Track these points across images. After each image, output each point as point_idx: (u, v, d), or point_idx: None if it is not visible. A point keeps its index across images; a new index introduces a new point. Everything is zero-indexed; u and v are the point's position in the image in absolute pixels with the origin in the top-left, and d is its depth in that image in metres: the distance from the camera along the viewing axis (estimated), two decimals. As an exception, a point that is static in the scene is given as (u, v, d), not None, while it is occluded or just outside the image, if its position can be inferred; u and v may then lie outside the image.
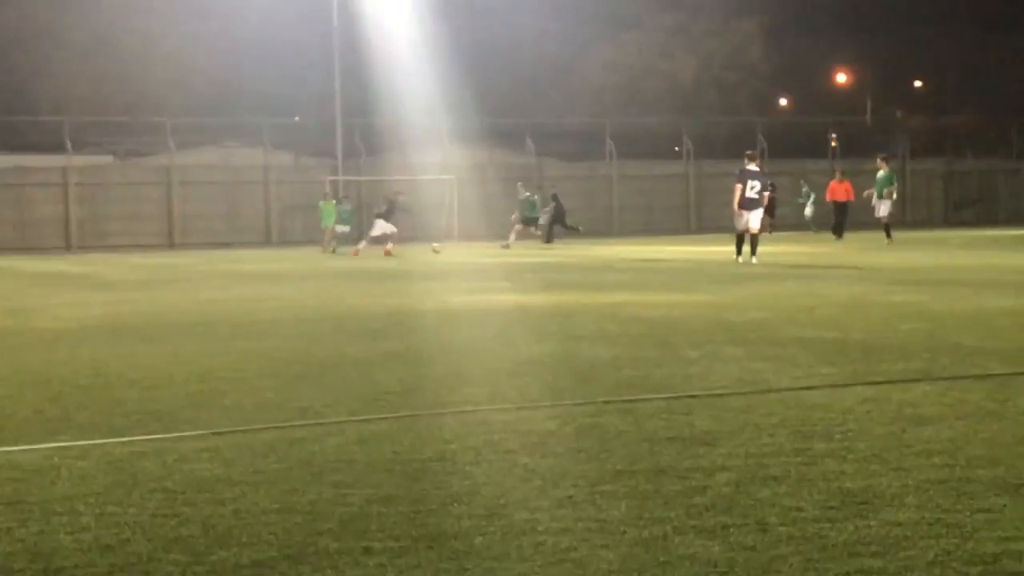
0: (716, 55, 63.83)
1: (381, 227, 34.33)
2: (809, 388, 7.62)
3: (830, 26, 70.88)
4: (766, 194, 23.76)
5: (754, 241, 23.22)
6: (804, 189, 45.92)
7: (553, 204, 40.01)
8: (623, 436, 6.20)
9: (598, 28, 63.48)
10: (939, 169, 59.05)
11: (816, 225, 43.20)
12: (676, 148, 56.24)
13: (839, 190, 38.70)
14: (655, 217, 48.78)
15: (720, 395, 7.42)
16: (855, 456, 5.62)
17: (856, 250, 29.71)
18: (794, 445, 5.88)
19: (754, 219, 23.31)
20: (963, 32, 69.06)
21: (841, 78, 75.24)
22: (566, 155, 52.68)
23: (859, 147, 59.59)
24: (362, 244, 34.67)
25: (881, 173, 34.23)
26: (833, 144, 57.99)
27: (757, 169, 23.87)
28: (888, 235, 33.06)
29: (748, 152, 24.85)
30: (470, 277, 21.81)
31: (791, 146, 53.86)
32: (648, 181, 50.18)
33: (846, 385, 7.70)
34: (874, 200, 34.09)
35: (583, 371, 8.62)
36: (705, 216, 52.43)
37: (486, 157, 48.62)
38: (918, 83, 75.60)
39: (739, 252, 22.99)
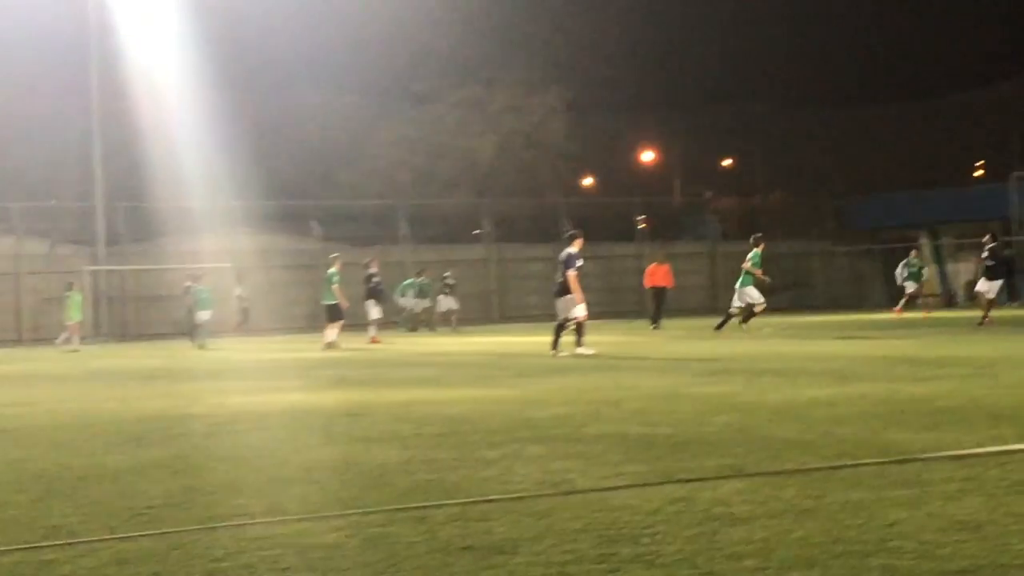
0: (516, 132, 64.88)
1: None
2: (615, 488, 7.68)
3: (633, 103, 72.95)
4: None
5: (560, 330, 23.54)
6: (913, 261, 43.14)
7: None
8: (414, 547, 6.15)
9: (389, 103, 64.02)
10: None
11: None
12: (476, 231, 56.84)
13: (659, 274, 39.47)
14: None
15: (520, 498, 7.43)
16: (663, 561, 5.68)
17: (666, 339, 30.34)
18: (598, 551, 5.91)
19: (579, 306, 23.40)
20: (770, 109, 71.78)
21: (647, 156, 77.24)
22: (356, 239, 52.73)
23: (668, 229, 61.18)
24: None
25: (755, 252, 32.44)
26: (641, 226, 59.37)
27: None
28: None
29: (571, 232, 24.60)
30: (250, 375, 21.52)
31: (597, 228, 54.96)
32: (446, 267, 50.44)
33: (654, 484, 7.79)
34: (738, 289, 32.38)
35: (372, 476, 8.54)
36: (509, 304, 52.99)
37: (268, 243, 48.27)
38: (727, 162, 78.13)
39: (580, 343, 23.20)
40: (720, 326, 31.38)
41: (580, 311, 23.39)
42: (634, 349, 25.64)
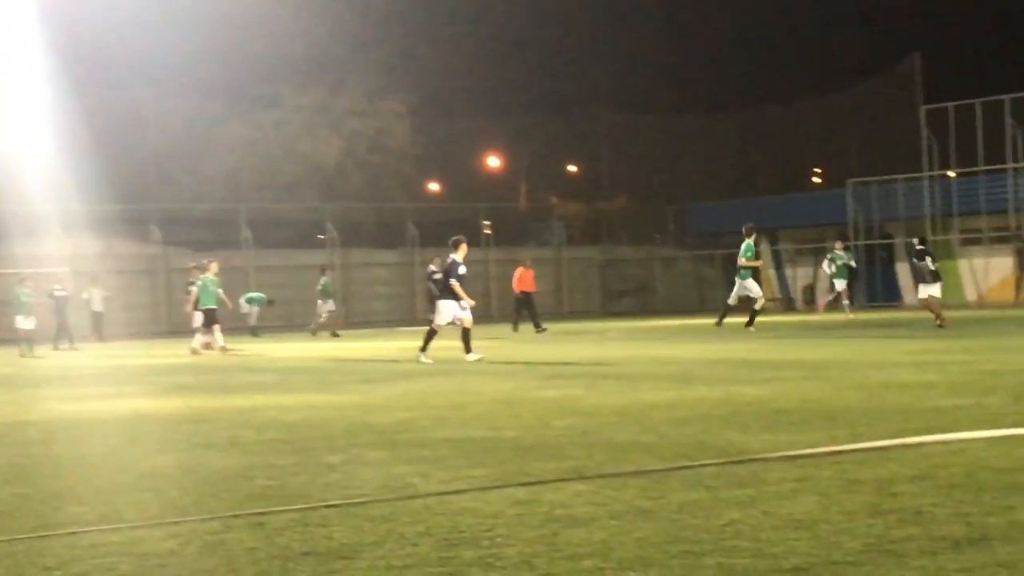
0: (361, 136, 64.61)
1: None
2: (457, 492, 7.70)
3: (478, 108, 73.14)
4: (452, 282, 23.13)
5: (431, 337, 23.25)
6: (839, 255, 39.85)
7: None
8: (253, 553, 6.09)
9: (230, 106, 63.25)
10: (596, 257, 61.57)
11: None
12: (320, 236, 56.48)
13: (527, 279, 39.61)
14: (297, 310, 48.58)
15: (361, 503, 7.40)
16: (503, 563, 5.70)
17: (515, 343, 30.49)
18: (439, 554, 5.92)
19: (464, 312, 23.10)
20: (615, 115, 72.54)
21: (493, 162, 77.54)
22: (198, 244, 52.03)
23: (513, 234, 61.51)
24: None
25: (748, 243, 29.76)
26: (487, 231, 59.59)
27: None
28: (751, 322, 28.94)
29: (455, 238, 23.86)
30: (89, 381, 21.11)
31: (443, 233, 54.97)
32: (289, 272, 50.11)
33: (496, 487, 7.83)
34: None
35: (211, 483, 8.44)
36: (353, 309, 52.73)
37: (105, 247, 47.36)
38: (572, 168, 78.78)
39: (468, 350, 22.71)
40: (719, 321, 29.01)
41: (442, 320, 23.13)
42: (480, 353, 25.67)
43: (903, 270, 55.38)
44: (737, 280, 29.74)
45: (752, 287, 29.28)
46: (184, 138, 62.15)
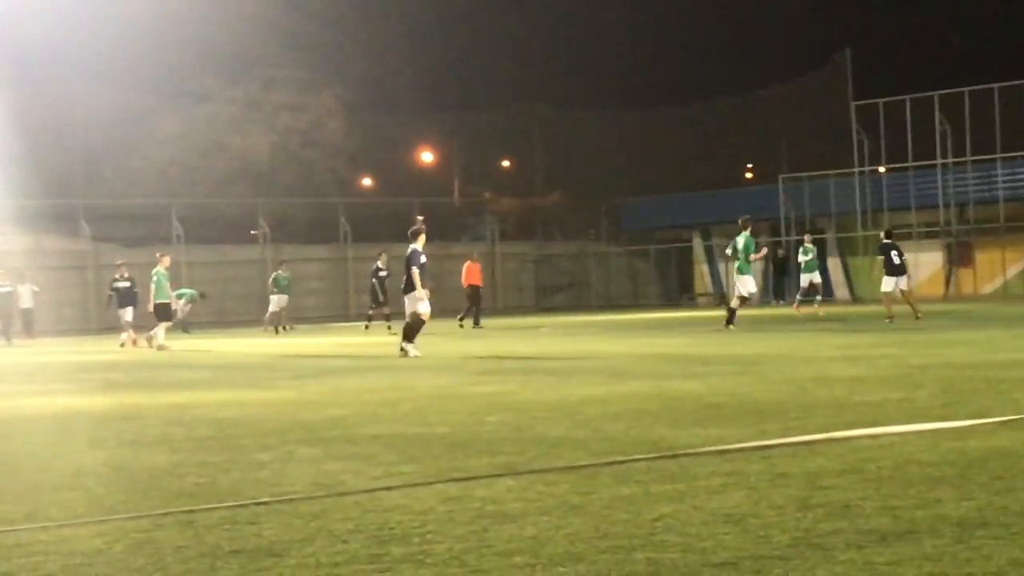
0: (293, 131, 64.26)
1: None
2: (388, 488, 7.69)
3: (411, 103, 72.98)
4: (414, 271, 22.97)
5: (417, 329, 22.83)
6: (808, 248, 38.92)
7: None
8: (181, 551, 6.05)
9: (160, 100, 62.68)
10: (530, 252, 61.66)
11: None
12: (252, 231, 56.17)
13: (475, 272, 39.45)
14: (229, 307, 48.28)
15: (292, 500, 7.38)
16: (433, 560, 5.71)
17: (448, 338, 30.44)
18: (369, 551, 5.91)
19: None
20: (548, 110, 72.61)
21: (427, 157, 77.36)
22: (128, 239, 51.56)
23: (447, 229, 61.46)
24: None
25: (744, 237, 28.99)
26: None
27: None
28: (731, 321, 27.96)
29: (414, 228, 23.28)
30: (16, 378, 20.88)
31: (376, 228, 54.93)
32: (221, 267, 49.80)
33: (427, 483, 7.82)
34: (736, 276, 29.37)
35: (140, 481, 8.38)
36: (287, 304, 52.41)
37: (33, 243, 46.81)
38: (505, 163, 78.78)
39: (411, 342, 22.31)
40: (728, 322, 27.87)
41: (424, 308, 22.68)
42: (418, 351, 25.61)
43: (834, 265, 55.92)
44: (736, 276, 29.26)
45: (748, 283, 28.83)
46: (113, 133, 61.52)
